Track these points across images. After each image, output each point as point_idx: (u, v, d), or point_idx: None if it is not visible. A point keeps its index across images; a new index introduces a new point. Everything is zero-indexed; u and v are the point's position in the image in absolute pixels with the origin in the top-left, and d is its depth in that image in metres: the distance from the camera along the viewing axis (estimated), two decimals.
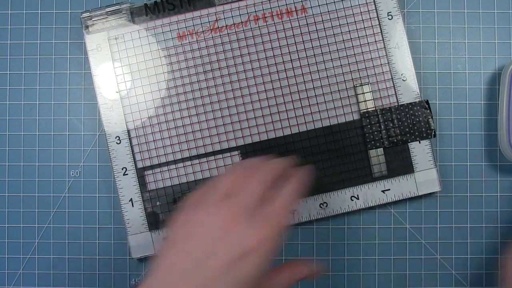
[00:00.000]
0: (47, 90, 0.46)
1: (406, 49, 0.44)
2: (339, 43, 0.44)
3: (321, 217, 0.44)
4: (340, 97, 0.44)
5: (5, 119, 0.46)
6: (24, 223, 0.45)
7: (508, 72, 0.43)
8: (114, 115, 0.44)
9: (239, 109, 0.44)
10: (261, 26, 0.44)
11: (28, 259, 0.45)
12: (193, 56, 0.44)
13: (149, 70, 0.44)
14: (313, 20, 0.44)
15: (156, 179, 0.44)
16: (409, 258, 0.45)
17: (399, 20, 0.44)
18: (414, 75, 0.44)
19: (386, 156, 0.44)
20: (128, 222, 0.44)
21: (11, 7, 0.46)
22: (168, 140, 0.44)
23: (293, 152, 0.44)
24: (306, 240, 0.45)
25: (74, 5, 0.46)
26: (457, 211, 0.45)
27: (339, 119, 0.44)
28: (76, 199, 0.45)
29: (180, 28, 0.44)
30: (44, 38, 0.46)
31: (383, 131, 0.44)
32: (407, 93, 0.44)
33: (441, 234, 0.45)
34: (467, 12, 0.46)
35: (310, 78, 0.44)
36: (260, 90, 0.44)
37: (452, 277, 0.45)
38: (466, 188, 0.45)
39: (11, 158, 0.46)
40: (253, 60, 0.44)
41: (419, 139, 0.44)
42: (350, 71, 0.44)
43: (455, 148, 0.45)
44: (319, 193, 0.44)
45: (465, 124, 0.45)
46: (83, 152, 0.46)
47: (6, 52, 0.46)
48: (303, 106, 0.44)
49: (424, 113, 0.44)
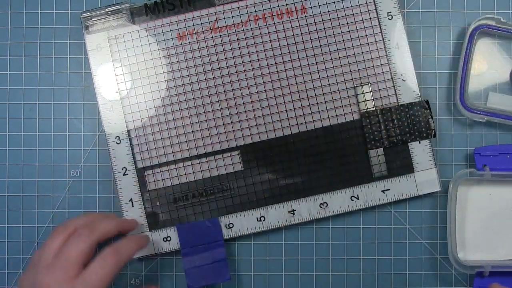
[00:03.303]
0: (47, 90, 0.46)
1: (406, 49, 0.44)
2: (339, 43, 0.44)
3: (321, 217, 0.44)
4: (340, 97, 0.44)
5: (5, 119, 0.46)
6: (24, 223, 0.45)
7: (468, 32, 0.44)
8: (114, 115, 0.44)
9: (239, 109, 0.44)
10: (261, 26, 0.44)
11: (28, 259, 0.45)
12: (193, 56, 0.44)
13: (149, 70, 0.44)
14: (313, 20, 0.44)
15: (156, 179, 0.44)
16: (409, 258, 0.45)
17: (399, 20, 0.44)
18: (414, 75, 0.44)
19: (386, 156, 0.44)
20: None
21: (11, 7, 0.46)
22: (168, 140, 0.44)
23: (293, 152, 0.44)
24: (306, 240, 0.45)
25: (74, 5, 0.46)
26: None
27: (339, 119, 0.44)
28: (76, 199, 0.45)
29: (180, 28, 0.44)
30: (44, 38, 0.46)
31: (383, 131, 0.44)
32: (407, 93, 0.44)
33: (441, 234, 0.45)
34: (467, 12, 0.46)
35: (310, 78, 0.44)
36: (260, 90, 0.44)
37: (452, 277, 0.45)
38: None
39: (11, 158, 0.46)
40: (253, 60, 0.44)
41: (419, 139, 0.44)
42: (350, 71, 0.44)
43: (455, 148, 0.45)
44: (319, 193, 0.44)
45: (465, 124, 0.45)
46: (83, 152, 0.46)
47: (6, 52, 0.46)
48: (303, 106, 0.44)
49: (424, 113, 0.44)
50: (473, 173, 0.43)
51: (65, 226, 0.39)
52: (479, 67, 0.45)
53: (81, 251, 0.37)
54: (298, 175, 0.44)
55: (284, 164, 0.44)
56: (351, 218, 0.45)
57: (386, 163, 0.44)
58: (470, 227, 0.44)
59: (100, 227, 0.39)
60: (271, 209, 0.44)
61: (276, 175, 0.44)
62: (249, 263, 0.45)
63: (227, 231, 0.44)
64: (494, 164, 0.43)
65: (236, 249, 0.45)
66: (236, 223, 0.44)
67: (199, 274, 0.43)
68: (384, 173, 0.44)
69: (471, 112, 0.44)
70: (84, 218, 0.40)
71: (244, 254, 0.45)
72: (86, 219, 0.40)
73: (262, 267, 0.45)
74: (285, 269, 0.45)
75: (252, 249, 0.45)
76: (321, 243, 0.45)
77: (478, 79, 0.45)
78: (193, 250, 0.43)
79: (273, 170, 0.44)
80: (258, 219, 0.44)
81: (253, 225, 0.44)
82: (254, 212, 0.44)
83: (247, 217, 0.44)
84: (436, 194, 0.45)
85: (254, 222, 0.44)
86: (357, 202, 0.44)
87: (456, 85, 0.44)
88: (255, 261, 0.45)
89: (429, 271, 0.45)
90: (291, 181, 0.44)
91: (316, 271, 0.45)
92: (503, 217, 0.44)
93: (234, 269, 0.45)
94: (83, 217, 0.40)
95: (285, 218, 0.44)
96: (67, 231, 0.38)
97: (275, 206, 0.44)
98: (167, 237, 0.44)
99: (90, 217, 0.40)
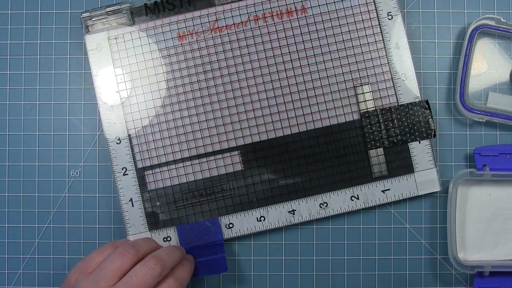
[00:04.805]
0: (47, 90, 0.46)
1: (406, 49, 0.44)
2: (339, 43, 0.44)
3: (321, 217, 0.44)
4: (340, 97, 0.44)
5: (5, 119, 0.46)
6: (24, 223, 0.45)
7: (468, 32, 0.44)
8: (114, 115, 0.44)
9: (239, 109, 0.44)
10: (261, 26, 0.44)
11: (28, 259, 0.45)
12: (193, 56, 0.44)
13: (149, 70, 0.44)
14: (313, 20, 0.44)
15: (156, 179, 0.44)
16: (409, 258, 0.45)
17: (399, 20, 0.44)
18: (414, 75, 0.44)
19: (386, 156, 0.44)
20: (128, 222, 0.44)
21: (11, 7, 0.46)
22: (168, 140, 0.44)
23: (293, 152, 0.44)
24: (306, 240, 0.45)
25: (74, 5, 0.46)
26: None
27: (339, 119, 0.44)
28: (76, 199, 0.45)
29: (180, 28, 0.44)
30: (44, 38, 0.46)
31: (383, 131, 0.44)
32: (407, 93, 0.44)
33: (441, 234, 0.45)
34: (467, 12, 0.46)
35: (310, 78, 0.44)
36: (260, 90, 0.44)
37: (452, 277, 0.45)
38: None
39: (11, 158, 0.46)
40: (253, 60, 0.44)
41: (419, 139, 0.44)
42: (350, 71, 0.44)
43: (455, 148, 0.45)
44: (319, 193, 0.44)
45: (465, 124, 0.45)
46: (83, 152, 0.46)
47: (6, 52, 0.46)
48: (303, 106, 0.44)
49: (424, 113, 0.44)
50: (473, 173, 0.43)
51: (133, 246, 0.39)
52: (479, 67, 0.45)
53: (124, 264, 0.37)
54: (298, 175, 0.44)
55: (284, 164, 0.44)
56: (351, 218, 0.45)
57: (386, 163, 0.44)
58: (470, 227, 0.44)
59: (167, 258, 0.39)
60: (271, 209, 0.44)
61: (276, 175, 0.44)
62: (249, 263, 0.45)
63: (227, 231, 0.44)
64: (494, 164, 0.43)
65: (236, 249, 0.45)
66: (236, 223, 0.44)
67: (196, 267, 0.43)
68: (384, 173, 0.44)
69: (471, 112, 0.44)
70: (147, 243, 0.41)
71: (244, 254, 0.45)
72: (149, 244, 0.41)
73: (262, 267, 0.45)
74: (285, 269, 0.45)
75: (252, 249, 0.45)
76: (321, 243, 0.45)
77: (478, 79, 0.45)
78: (192, 249, 0.43)
79: (273, 170, 0.44)
80: (258, 219, 0.44)
81: (253, 225, 0.44)
82: (254, 212, 0.44)
83: (247, 217, 0.44)
84: (436, 194, 0.45)
85: (254, 222, 0.44)
86: (357, 202, 0.44)
87: (456, 85, 0.44)
88: (255, 261, 0.45)
89: (429, 271, 0.45)
90: (291, 181, 0.44)
91: (316, 271, 0.45)
92: (503, 217, 0.44)
93: (234, 269, 0.45)
94: (146, 242, 0.41)
95: (285, 218, 0.44)
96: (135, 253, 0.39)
97: (275, 206, 0.44)
98: (167, 237, 0.44)
99: (153, 243, 0.42)
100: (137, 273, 0.37)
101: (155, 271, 0.37)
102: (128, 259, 0.38)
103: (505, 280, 0.43)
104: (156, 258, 0.38)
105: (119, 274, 0.37)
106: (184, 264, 0.41)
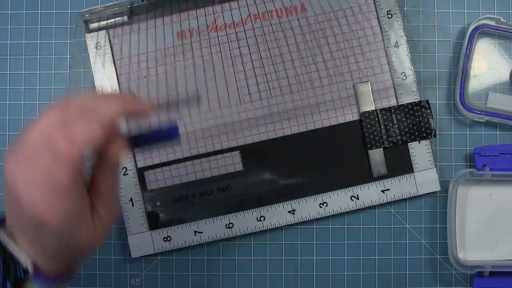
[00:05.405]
0: (47, 90, 0.46)
1: (405, 48, 0.44)
2: (339, 42, 0.44)
3: (321, 217, 0.44)
4: (340, 97, 0.44)
5: (5, 119, 0.46)
6: None
7: (468, 32, 0.44)
8: None
9: (239, 108, 0.44)
10: (261, 24, 0.44)
11: None
12: (193, 54, 0.44)
13: (149, 68, 0.44)
14: (313, 19, 0.44)
15: (156, 179, 0.44)
16: (409, 258, 0.45)
17: (399, 19, 0.44)
18: (413, 75, 0.44)
19: (386, 156, 0.44)
20: (128, 222, 0.44)
21: (11, 7, 0.46)
22: None
23: (293, 152, 0.44)
24: (306, 240, 0.45)
25: (74, 5, 0.46)
26: None
27: (339, 119, 0.44)
28: None
29: (180, 26, 0.44)
30: (44, 38, 0.46)
31: (383, 131, 0.44)
32: (407, 93, 0.44)
33: (441, 234, 0.45)
34: (467, 12, 0.46)
35: (309, 78, 0.44)
36: (260, 89, 0.44)
37: (452, 277, 0.45)
38: None
39: None
40: (253, 60, 0.44)
41: (419, 139, 0.44)
42: (350, 70, 0.44)
43: (455, 148, 0.45)
44: (319, 193, 0.44)
45: (465, 124, 0.45)
46: None
47: (6, 52, 0.46)
48: (303, 106, 0.44)
49: (424, 113, 0.44)
50: (473, 173, 0.43)
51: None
52: (479, 67, 0.45)
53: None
54: (298, 175, 0.44)
55: (284, 164, 0.44)
56: (351, 218, 0.45)
57: (386, 163, 0.44)
58: (470, 227, 0.44)
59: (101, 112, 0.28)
60: (271, 209, 0.44)
61: (276, 175, 0.44)
62: (249, 263, 0.45)
63: (227, 231, 0.44)
64: (494, 164, 0.43)
65: (236, 249, 0.45)
66: (236, 223, 0.44)
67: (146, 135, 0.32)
68: (384, 173, 0.44)
69: (471, 112, 0.44)
70: (78, 100, 0.28)
71: (244, 254, 0.45)
72: (81, 101, 0.28)
73: (262, 267, 0.45)
74: (285, 269, 0.45)
75: (252, 249, 0.45)
76: (321, 243, 0.45)
77: (478, 79, 0.45)
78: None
79: (273, 170, 0.44)
80: (258, 219, 0.44)
81: (253, 225, 0.44)
82: (254, 212, 0.44)
83: (247, 217, 0.44)
84: (436, 194, 0.45)
85: (254, 222, 0.44)
86: (357, 202, 0.44)
87: (456, 85, 0.44)
88: (255, 261, 0.45)
89: (429, 271, 0.45)
90: (291, 181, 0.44)
91: (316, 271, 0.45)
92: (503, 217, 0.44)
93: (234, 269, 0.45)
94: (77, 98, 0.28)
95: (285, 218, 0.44)
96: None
97: (275, 206, 0.44)
98: (167, 237, 0.44)
99: (85, 99, 0.29)
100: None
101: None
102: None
103: (505, 280, 0.43)
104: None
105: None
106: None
